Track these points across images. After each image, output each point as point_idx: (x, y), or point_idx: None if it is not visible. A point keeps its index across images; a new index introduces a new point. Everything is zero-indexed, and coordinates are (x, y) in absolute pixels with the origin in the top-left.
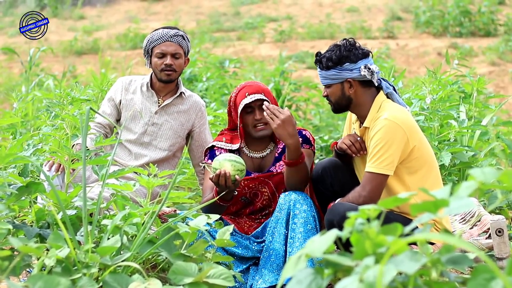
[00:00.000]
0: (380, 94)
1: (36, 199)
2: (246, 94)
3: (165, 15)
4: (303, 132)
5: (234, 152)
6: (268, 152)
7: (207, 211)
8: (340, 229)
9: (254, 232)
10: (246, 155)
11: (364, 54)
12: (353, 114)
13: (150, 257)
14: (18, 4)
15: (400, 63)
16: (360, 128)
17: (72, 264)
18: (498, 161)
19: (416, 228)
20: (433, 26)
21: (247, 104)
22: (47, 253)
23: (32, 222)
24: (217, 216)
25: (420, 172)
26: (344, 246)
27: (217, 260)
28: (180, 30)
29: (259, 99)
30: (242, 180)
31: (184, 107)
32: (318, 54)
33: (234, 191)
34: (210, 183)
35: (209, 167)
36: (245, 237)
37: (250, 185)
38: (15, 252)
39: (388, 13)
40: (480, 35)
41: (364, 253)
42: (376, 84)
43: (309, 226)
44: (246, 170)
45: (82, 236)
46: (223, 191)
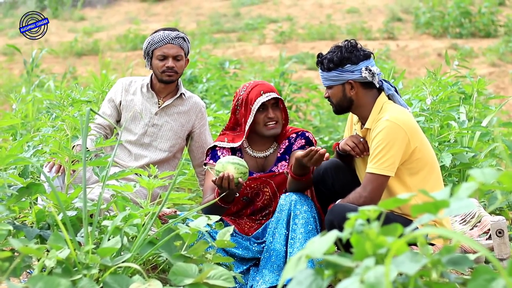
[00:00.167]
0: (382, 96)
1: (36, 200)
2: (262, 92)
3: (165, 16)
4: (306, 134)
5: (236, 150)
6: (271, 152)
7: (208, 212)
8: (340, 229)
9: (255, 233)
10: (249, 155)
11: (366, 56)
12: (354, 115)
13: (151, 258)
14: (18, 5)
15: (400, 64)
16: (361, 129)
17: (73, 265)
18: (498, 162)
19: (416, 229)
20: (433, 27)
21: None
22: (47, 254)
23: (33, 223)
24: (217, 217)
25: (422, 173)
26: (345, 247)
27: (217, 261)
28: (180, 31)
29: (273, 98)
30: None
31: (184, 108)
32: (319, 56)
33: (236, 193)
34: (211, 184)
35: (211, 169)
36: (245, 238)
37: (252, 185)
38: (16, 253)
39: (388, 14)
40: (480, 36)
41: (364, 254)
42: (377, 86)
43: (309, 227)
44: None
45: (82, 237)
46: (226, 194)
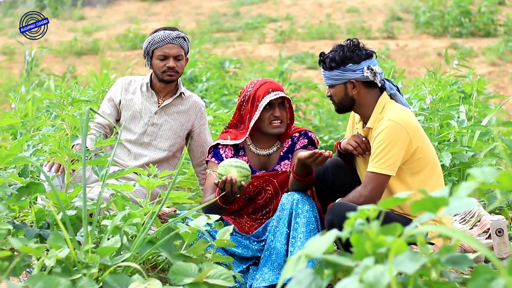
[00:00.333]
0: (384, 95)
1: (36, 199)
2: (270, 90)
3: (165, 15)
4: (309, 134)
5: (239, 148)
6: (274, 150)
7: (208, 212)
8: (340, 229)
9: (255, 231)
10: (252, 152)
11: (368, 55)
12: (356, 114)
13: (150, 257)
14: (18, 5)
15: (400, 63)
16: (363, 128)
17: (72, 264)
18: (498, 161)
19: (416, 228)
20: (433, 26)
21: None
22: (47, 253)
23: (32, 223)
24: (217, 217)
25: (423, 173)
26: (344, 246)
27: (217, 260)
28: (181, 31)
29: (281, 97)
30: None
31: (184, 108)
32: (321, 55)
33: (237, 195)
34: (212, 183)
35: (214, 172)
36: (245, 236)
37: (255, 183)
38: (15, 253)
39: (388, 13)
40: (480, 35)
41: (364, 253)
42: (379, 85)
43: (311, 226)
44: (251, 167)
45: (82, 236)
46: (228, 195)
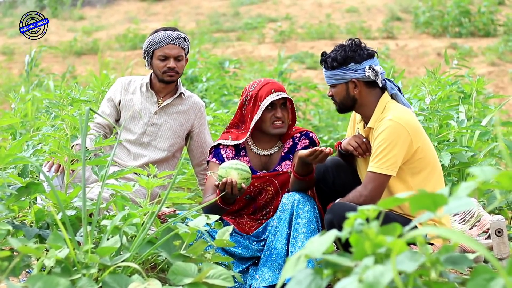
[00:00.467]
0: (385, 95)
1: (35, 199)
2: (273, 91)
3: (164, 15)
4: (310, 135)
5: (240, 148)
6: (275, 150)
7: (208, 212)
8: (339, 229)
9: (255, 231)
10: (253, 152)
11: (369, 55)
12: (357, 114)
13: (150, 257)
14: (18, 5)
15: (399, 63)
16: (364, 128)
17: (72, 264)
18: (498, 161)
19: (415, 228)
20: (432, 26)
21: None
22: (46, 253)
23: (32, 223)
24: (216, 217)
25: (423, 173)
26: (344, 246)
27: (216, 260)
28: (181, 31)
29: (283, 98)
30: None
31: (184, 108)
32: (323, 54)
33: (237, 196)
34: (212, 184)
35: (214, 174)
36: (245, 236)
37: (256, 183)
38: (15, 253)
39: (387, 13)
40: (479, 35)
41: (363, 253)
42: (380, 85)
43: (312, 227)
44: (252, 168)
45: (81, 236)
46: (228, 197)
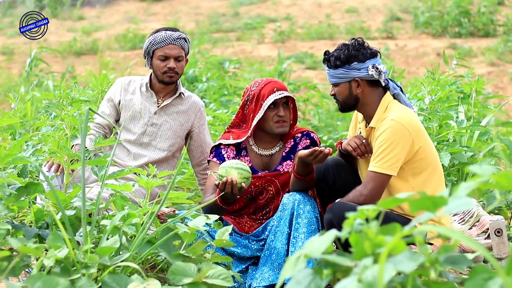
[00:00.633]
0: (387, 95)
1: (35, 199)
2: (275, 90)
3: (164, 15)
4: (311, 135)
5: (241, 148)
6: (277, 150)
7: (208, 212)
8: (339, 229)
9: (254, 231)
10: (254, 152)
11: (373, 54)
12: (359, 113)
13: (149, 257)
14: (17, 5)
15: (399, 63)
16: (366, 128)
17: (71, 264)
18: (497, 161)
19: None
20: (432, 26)
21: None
22: (46, 253)
23: (31, 223)
24: (216, 217)
25: (424, 174)
26: (343, 246)
27: (216, 260)
28: (182, 32)
29: (285, 97)
30: None
31: (183, 108)
32: (326, 53)
33: (238, 196)
34: (212, 184)
35: (214, 173)
36: (244, 236)
37: (257, 183)
38: (14, 253)
39: (387, 13)
40: (479, 35)
41: (363, 253)
42: (383, 84)
43: (312, 227)
44: (253, 167)
45: (81, 236)
46: (227, 197)
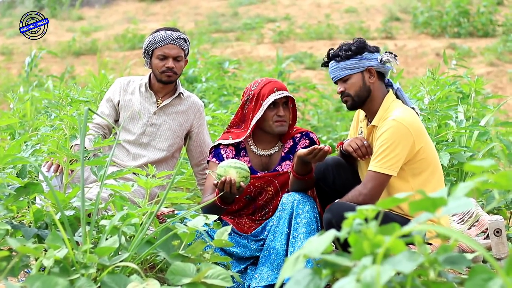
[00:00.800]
0: (390, 94)
1: (34, 199)
2: (275, 89)
3: (163, 16)
4: (310, 135)
5: (241, 148)
6: (276, 150)
7: (207, 212)
8: (338, 228)
9: (254, 231)
10: (253, 153)
11: (377, 49)
12: (360, 112)
13: (148, 257)
14: (17, 5)
15: (398, 63)
16: (367, 126)
17: (70, 264)
18: (496, 161)
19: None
20: (431, 26)
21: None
22: (45, 253)
23: (30, 223)
24: (215, 217)
25: (424, 174)
26: (342, 246)
27: (215, 260)
28: (181, 32)
29: (285, 97)
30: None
31: (183, 108)
32: (331, 50)
33: (236, 196)
34: (211, 184)
35: (213, 173)
36: (243, 236)
37: (256, 184)
38: (13, 253)
39: (386, 13)
40: (478, 35)
41: (362, 253)
42: (387, 76)
43: (311, 227)
44: (252, 168)
45: (80, 236)
46: (226, 196)
